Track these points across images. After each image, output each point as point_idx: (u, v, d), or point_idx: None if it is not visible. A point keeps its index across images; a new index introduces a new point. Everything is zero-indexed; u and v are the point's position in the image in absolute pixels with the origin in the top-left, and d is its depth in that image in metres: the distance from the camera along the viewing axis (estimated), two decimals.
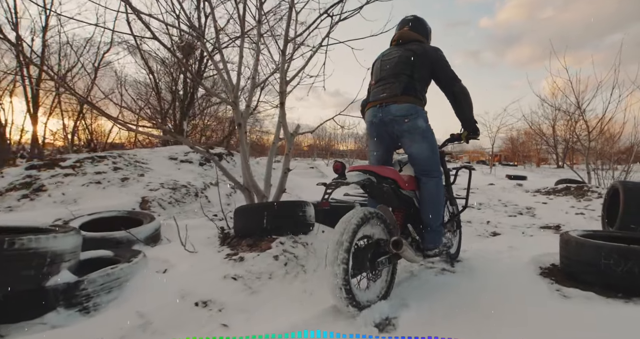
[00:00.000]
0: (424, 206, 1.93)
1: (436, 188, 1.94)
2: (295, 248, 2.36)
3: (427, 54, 1.97)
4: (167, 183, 3.96)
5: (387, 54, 2.11)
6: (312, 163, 10.44)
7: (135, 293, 1.55)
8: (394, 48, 2.11)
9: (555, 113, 26.30)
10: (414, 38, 2.09)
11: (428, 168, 1.95)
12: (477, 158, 38.11)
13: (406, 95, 1.90)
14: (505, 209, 5.64)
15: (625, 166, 6.74)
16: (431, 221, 1.92)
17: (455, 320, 1.52)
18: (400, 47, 2.07)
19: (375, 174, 1.76)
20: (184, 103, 8.65)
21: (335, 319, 1.51)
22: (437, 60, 1.98)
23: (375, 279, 1.67)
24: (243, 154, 3.17)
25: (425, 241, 1.95)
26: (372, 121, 1.99)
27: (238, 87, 2.98)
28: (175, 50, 10.57)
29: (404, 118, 1.88)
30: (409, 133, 1.90)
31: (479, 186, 9.68)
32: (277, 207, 2.52)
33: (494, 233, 3.62)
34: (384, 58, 2.09)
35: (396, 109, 1.89)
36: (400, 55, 1.99)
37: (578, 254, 2.05)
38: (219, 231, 2.75)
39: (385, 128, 1.96)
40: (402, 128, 1.90)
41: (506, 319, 1.54)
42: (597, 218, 4.54)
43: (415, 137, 1.90)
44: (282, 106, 3.16)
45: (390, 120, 1.91)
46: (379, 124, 1.97)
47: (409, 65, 1.95)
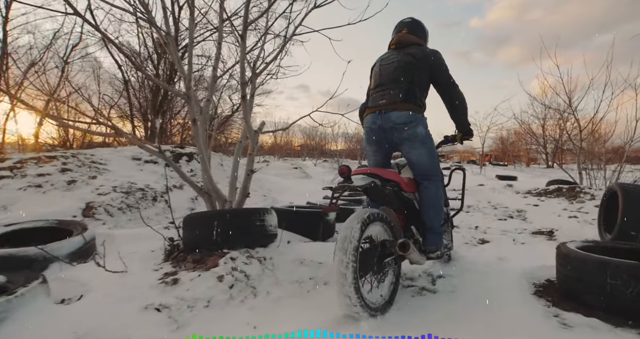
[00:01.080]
0: (425, 209, 1.96)
1: (437, 192, 1.98)
2: (248, 265, 2.01)
3: (426, 58, 1.96)
4: (122, 186, 3.55)
5: (385, 58, 2.08)
6: (297, 163, 10.07)
7: (11, 337, 1.18)
8: (392, 52, 2.09)
9: (545, 113, 26.53)
10: (412, 41, 2.07)
11: (428, 173, 1.98)
12: (468, 158, 38.32)
13: (406, 103, 1.90)
14: (495, 212, 5.37)
15: (618, 165, 6.56)
16: (433, 223, 1.96)
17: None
18: (399, 51, 2.05)
19: (379, 177, 1.79)
20: (157, 100, 8.18)
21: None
22: (436, 63, 1.98)
23: (380, 282, 1.66)
24: (201, 153, 2.80)
25: (427, 243, 1.98)
26: (372, 127, 1.99)
27: (190, 77, 2.60)
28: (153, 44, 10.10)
29: (404, 126, 1.88)
30: (409, 141, 1.92)
31: (468, 187, 9.43)
32: (229, 216, 2.16)
33: (482, 241, 3.32)
34: (383, 63, 2.07)
35: (396, 117, 1.89)
36: (400, 59, 1.98)
37: (579, 271, 1.74)
38: (167, 243, 2.38)
39: (384, 135, 1.97)
40: (402, 136, 1.91)
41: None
42: (592, 221, 4.30)
43: (415, 144, 1.92)
44: (244, 100, 2.80)
45: (390, 127, 1.91)
46: (378, 131, 1.96)
47: (408, 71, 1.94)
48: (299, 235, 3.05)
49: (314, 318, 1.52)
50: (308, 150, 31.77)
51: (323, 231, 3.12)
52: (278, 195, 5.78)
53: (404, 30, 2.14)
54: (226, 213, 2.15)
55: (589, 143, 7.19)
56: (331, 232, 3.30)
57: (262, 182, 6.13)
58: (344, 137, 28.52)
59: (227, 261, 1.96)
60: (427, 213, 1.96)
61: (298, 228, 3.04)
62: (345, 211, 3.78)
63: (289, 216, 3.11)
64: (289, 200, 5.50)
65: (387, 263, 1.66)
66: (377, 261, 1.61)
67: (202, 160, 2.80)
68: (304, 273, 2.13)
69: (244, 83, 2.77)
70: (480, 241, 3.31)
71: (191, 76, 2.66)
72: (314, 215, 3.09)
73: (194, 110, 2.68)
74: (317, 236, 3.01)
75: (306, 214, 3.07)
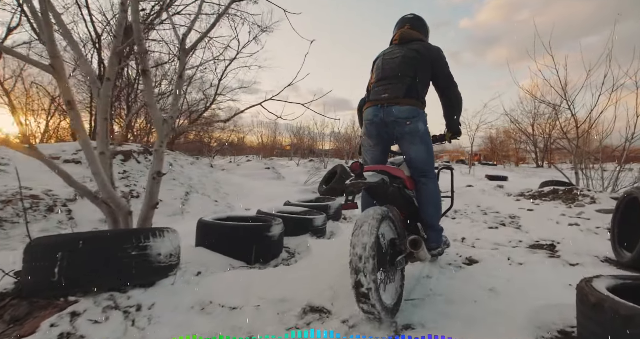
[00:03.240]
0: (425, 207, 1.97)
1: (435, 189, 2.00)
2: (100, 323, 1.28)
3: (429, 53, 1.99)
4: (3, 194, 2.76)
5: (388, 53, 2.09)
6: (269, 163, 9.32)
7: None
8: (395, 47, 2.10)
9: (535, 111, 26.50)
10: (415, 37, 2.09)
11: (426, 169, 2.00)
12: (457, 157, 38.34)
13: (408, 98, 1.92)
14: (484, 218, 4.76)
15: (617, 165, 6.06)
16: (433, 220, 1.98)
17: None
18: (402, 46, 2.06)
19: (388, 174, 1.82)
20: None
21: None
22: (437, 59, 2.00)
23: (391, 281, 1.63)
24: (86, 147, 2.06)
25: (428, 240, 1.99)
26: (372, 120, 1.97)
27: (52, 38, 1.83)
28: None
29: (406, 120, 1.89)
30: (410, 136, 1.93)
31: (456, 189, 8.88)
32: (84, 243, 1.43)
33: (469, 261, 2.67)
34: (386, 57, 2.07)
35: (398, 111, 1.90)
36: (404, 54, 1.99)
37: (621, 333, 1.09)
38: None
39: (385, 129, 1.97)
40: (403, 130, 1.92)
41: None
42: (597, 231, 3.72)
43: (415, 139, 1.93)
44: (144, 74, 2.07)
45: (391, 121, 1.92)
46: (379, 124, 1.96)
47: (412, 66, 1.95)
48: (232, 257, 2.35)
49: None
50: (296, 150, 31.33)
51: (264, 250, 2.42)
52: (236, 200, 5.04)
53: (407, 26, 2.16)
54: (78, 240, 1.42)
55: (585, 140, 6.67)
56: (277, 251, 2.60)
57: (220, 185, 5.38)
58: (332, 136, 28.21)
59: (59, 321, 1.23)
60: (426, 211, 1.97)
61: (231, 247, 2.33)
62: (294, 221, 3.09)
63: (220, 232, 2.41)
64: (248, 206, 4.79)
65: (399, 261, 1.64)
66: (389, 260, 1.60)
67: (87, 154, 2.06)
68: (201, 326, 1.42)
69: (142, 53, 2.05)
70: (466, 262, 2.66)
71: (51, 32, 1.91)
72: (251, 230, 2.38)
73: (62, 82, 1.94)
74: (252, 259, 2.30)
75: (238, 229, 2.36)
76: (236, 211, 3.78)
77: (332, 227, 3.65)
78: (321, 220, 3.18)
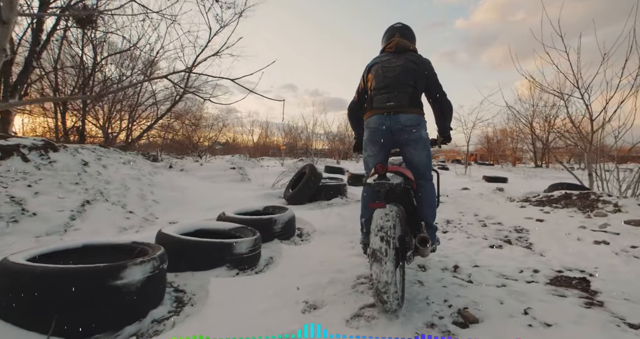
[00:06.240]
0: (423, 207, 2.11)
1: (432, 190, 2.14)
2: None
3: (425, 66, 2.12)
4: None
5: (386, 61, 2.16)
6: (236, 163, 8.29)
7: None
8: (391, 55, 2.17)
9: (534, 109, 25.80)
10: (408, 47, 2.20)
11: (425, 173, 2.13)
12: (453, 157, 37.72)
13: (413, 106, 2.02)
14: (484, 232, 3.83)
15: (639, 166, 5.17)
16: (430, 220, 2.11)
17: None
18: (399, 55, 2.15)
19: (404, 175, 2.10)
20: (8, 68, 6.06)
21: None
22: (429, 70, 2.13)
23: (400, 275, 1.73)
24: None
25: None
26: (378, 128, 2.04)
27: None
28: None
29: (412, 128, 1.99)
30: (415, 143, 2.04)
31: (450, 192, 7.97)
32: None
33: (464, 319, 1.70)
34: (385, 65, 2.14)
35: (405, 119, 1.99)
36: (403, 64, 2.09)
37: None
38: None
39: (391, 136, 2.04)
40: (409, 138, 2.02)
41: None
42: (636, 253, 2.80)
43: (419, 145, 2.05)
44: None
45: (399, 129, 2.00)
46: (385, 132, 2.03)
47: (412, 76, 2.06)
48: (32, 328, 1.36)
49: None
50: (290, 150, 30.55)
51: (103, 313, 1.44)
52: (166, 210, 4.01)
53: (397, 35, 2.25)
54: None
55: (599, 136, 5.77)
56: (140, 308, 1.62)
57: (154, 190, 4.36)
58: (325, 136, 27.54)
59: None
60: (424, 211, 2.10)
61: (37, 310, 1.36)
62: (201, 247, 2.11)
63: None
64: (178, 218, 3.79)
65: (409, 257, 1.82)
66: (401, 256, 1.73)
67: None
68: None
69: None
70: (458, 320, 1.70)
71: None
72: (78, 279, 1.39)
73: None
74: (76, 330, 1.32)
75: (56, 278, 1.37)
76: (125, 235, 2.78)
77: (274, 251, 2.68)
78: (247, 245, 2.20)
